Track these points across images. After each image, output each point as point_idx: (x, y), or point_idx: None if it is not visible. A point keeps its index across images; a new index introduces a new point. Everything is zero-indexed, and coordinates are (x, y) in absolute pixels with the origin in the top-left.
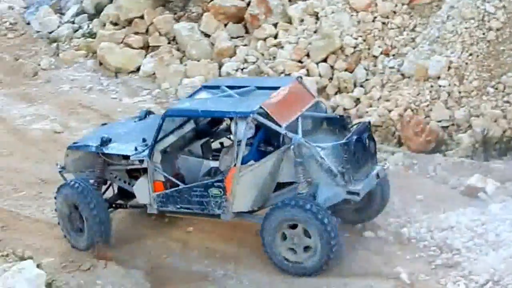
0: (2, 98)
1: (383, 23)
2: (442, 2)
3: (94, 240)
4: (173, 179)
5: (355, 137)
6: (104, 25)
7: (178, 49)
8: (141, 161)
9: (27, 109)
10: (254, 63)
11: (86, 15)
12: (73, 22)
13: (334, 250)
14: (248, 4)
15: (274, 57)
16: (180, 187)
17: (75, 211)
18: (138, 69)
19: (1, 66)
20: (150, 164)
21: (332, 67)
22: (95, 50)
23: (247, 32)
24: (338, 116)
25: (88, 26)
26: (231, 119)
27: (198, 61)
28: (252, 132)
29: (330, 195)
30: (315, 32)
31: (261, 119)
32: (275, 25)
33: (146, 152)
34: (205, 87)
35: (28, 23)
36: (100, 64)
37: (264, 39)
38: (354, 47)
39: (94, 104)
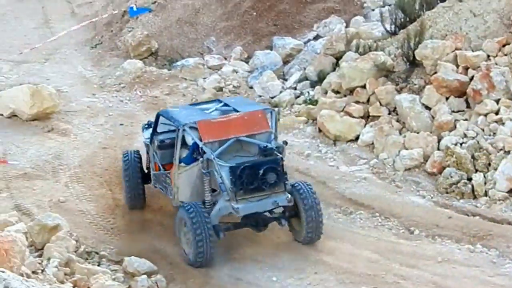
0: None
1: None
2: None
3: None
4: (158, 163)
5: (246, 165)
6: (326, 92)
7: (398, 120)
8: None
9: None
10: (473, 138)
11: (308, 82)
12: (295, 88)
13: (200, 251)
14: (471, 78)
15: (494, 133)
16: (159, 171)
17: None
18: (357, 138)
19: None
20: (150, 148)
21: None
22: (315, 117)
23: (468, 106)
24: (263, 146)
25: (310, 93)
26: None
27: (418, 133)
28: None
29: (222, 206)
30: None
31: (188, 131)
32: (497, 101)
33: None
34: (219, 101)
35: (251, 87)
36: (320, 131)
37: (485, 115)
38: None
39: (311, 171)
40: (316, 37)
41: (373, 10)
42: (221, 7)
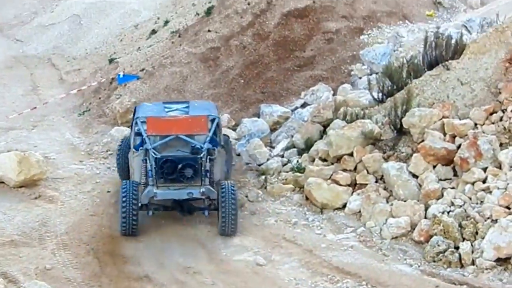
0: (209, 227)
1: None
2: None
3: None
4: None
5: (168, 158)
6: (313, 160)
7: (385, 188)
8: None
9: (231, 240)
10: (461, 206)
11: (295, 149)
12: (282, 156)
13: (123, 221)
14: (459, 147)
15: (482, 202)
16: None
17: None
18: (344, 206)
19: None
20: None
21: None
22: (302, 185)
23: (455, 174)
24: (192, 145)
25: (297, 161)
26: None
27: (405, 201)
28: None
29: (149, 189)
30: None
31: (140, 124)
32: (485, 169)
33: None
34: (187, 102)
35: (238, 154)
36: (307, 199)
37: (473, 183)
38: None
39: (298, 239)
40: (304, 105)
41: (360, 78)
42: (209, 74)
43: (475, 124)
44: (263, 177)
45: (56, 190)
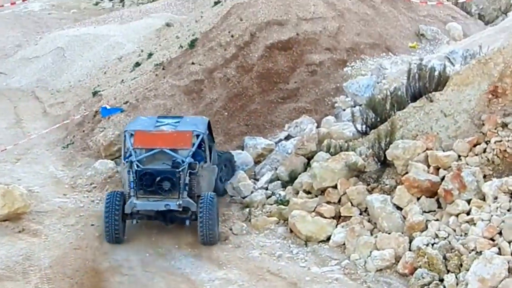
0: (192, 261)
1: None
2: None
3: None
4: None
5: (147, 171)
6: (297, 193)
7: (369, 221)
8: None
9: (216, 273)
10: (445, 238)
11: (279, 182)
12: (266, 188)
13: (106, 230)
14: (443, 179)
15: (466, 234)
16: None
17: None
18: (328, 238)
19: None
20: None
21: None
22: (286, 218)
23: (439, 206)
24: (173, 160)
25: (281, 194)
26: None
27: (389, 233)
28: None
29: (131, 201)
30: (508, 210)
31: (127, 137)
32: (469, 201)
33: None
34: (180, 117)
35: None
36: (291, 231)
37: (457, 215)
38: None
39: (282, 272)
40: (288, 137)
41: (344, 110)
42: (193, 107)
43: (459, 156)
44: (247, 209)
45: (40, 224)
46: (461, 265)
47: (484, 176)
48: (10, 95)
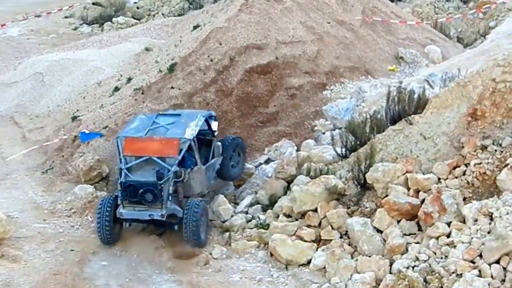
0: (173, 286)
1: None
2: None
3: None
4: None
5: (130, 183)
6: (277, 216)
7: (349, 244)
8: None
9: None
10: (425, 261)
11: (260, 206)
12: (246, 212)
13: (98, 231)
14: (423, 201)
15: (446, 256)
16: None
17: None
18: (308, 262)
19: (172, 255)
20: None
21: (504, 268)
22: (266, 241)
23: (419, 229)
24: (157, 170)
25: (261, 217)
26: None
27: (369, 256)
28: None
29: (118, 209)
30: (488, 232)
31: (119, 143)
32: (449, 223)
33: None
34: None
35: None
36: (271, 255)
37: (437, 238)
38: None
39: None
40: (267, 161)
41: (323, 133)
42: None
43: (439, 179)
44: (227, 234)
45: (20, 249)
46: (441, 287)
47: (464, 199)
48: None
